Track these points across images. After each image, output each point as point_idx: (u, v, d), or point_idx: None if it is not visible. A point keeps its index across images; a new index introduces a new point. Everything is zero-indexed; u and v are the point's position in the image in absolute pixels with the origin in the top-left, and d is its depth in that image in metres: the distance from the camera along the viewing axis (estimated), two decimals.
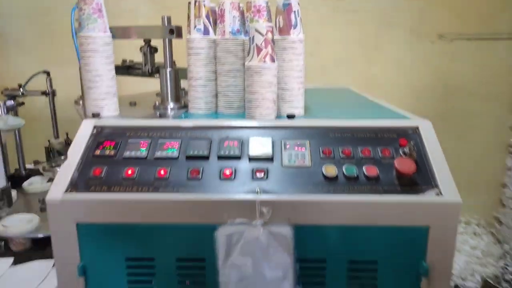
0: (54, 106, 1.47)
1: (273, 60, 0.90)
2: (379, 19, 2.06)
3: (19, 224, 1.12)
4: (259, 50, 0.89)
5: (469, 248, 2.20)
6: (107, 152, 0.84)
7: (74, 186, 0.79)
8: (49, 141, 1.56)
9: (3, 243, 1.11)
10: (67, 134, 1.47)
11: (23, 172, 1.49)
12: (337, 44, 2.10)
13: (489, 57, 2.17)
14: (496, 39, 2.19)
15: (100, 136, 0.87)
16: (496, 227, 2.37)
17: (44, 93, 1.42)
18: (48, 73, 1.42)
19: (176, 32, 1.00)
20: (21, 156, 1.47)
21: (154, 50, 1.11)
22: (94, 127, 0.89)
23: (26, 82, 1.42)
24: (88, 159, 0.83)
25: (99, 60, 0.93)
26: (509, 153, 2.32)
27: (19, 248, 1.11)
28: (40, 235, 1.10)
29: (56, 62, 1.73)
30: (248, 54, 0.91)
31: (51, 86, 1.42)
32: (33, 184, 1.42)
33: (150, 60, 1.11)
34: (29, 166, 1.57)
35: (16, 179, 1.42)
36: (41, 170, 1.50)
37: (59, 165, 1.37)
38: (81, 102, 1.17)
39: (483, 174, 2.33)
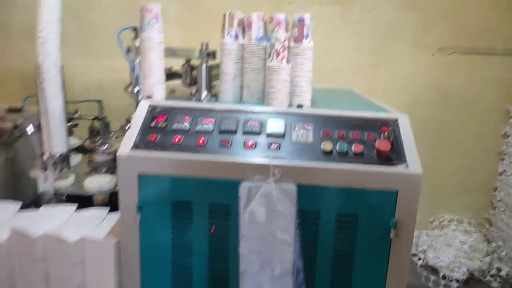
0: (103, 113, 1.77)
1: (288, 62, 1.20)
2: (385, 31, 2.34)
3: (102, 183, 1.44)
4: (277, 54, 1.19)
5: (458, 243, 2.46)
6: (160, 124, 1.14)
7: (136, 146, 1.09)
8: (92, 120, 1.88)
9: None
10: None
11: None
12: (348, 52, 2.38)
13: (485, 70, 2.43)
14: (492, 54, 2.46)
15: (154, 113, 1.18)
16: (486, 227, 2.62)
17: (95, 118, 1.73)
18: (99, 101, 1.74)
19: (213, 55, 1.31)
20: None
21: (192, 68, 1.41)
22: (149, 105, 1.19)
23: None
24: (146, 129, 1.14)
25: (154, 55, 1.23)
26: (501, 159, 2.57)
27: (100, 200, 1.42)
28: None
29: (95, 55, 2.07)
30: (269, 57, 1.21)
31: (102, 113, 1.73)
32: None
33: (189, 75, 1.40)
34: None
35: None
36: (86, 144, 1.81)
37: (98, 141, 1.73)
38: (129, 88, 1.48)
39: (476, 178, 2.58)
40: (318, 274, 1.12)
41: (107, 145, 1.76)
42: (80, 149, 1.80)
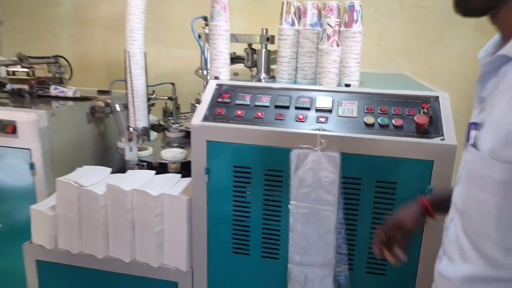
0: (175, 94, 2.04)
1: (338, 45, 1.35)
2: (444, 15, 2.36)
3: (175, 154, 1.72)
4: (328, 37, 1.34)
5: None
6: (225, 100, 1.36)
7: (206, 118, 1.32)
8: (165, 103, 2.17)
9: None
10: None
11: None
12: (404, 37, 2.43)
13: None
14: None
15: (220, 90, 1.40)
16: None
17: (169, 98, 1.99)
18: (173, 84, 2.00)
19: (271, 39, 1.49)
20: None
21: (253, 51, 1.60)
22: (216, 84, 1.42)
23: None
24: (213, 104, 1.36)
25: (222, 41, 1.45)
26: None
27: (174, 168, 1.70)
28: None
29: (164, 43, 2.36)
30: (321, 40, 1.37)
31: (175, 94, 1.99)
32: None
33: (251, 58, 1.60)
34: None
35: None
36: (161, 122, 2.11)
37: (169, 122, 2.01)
38: (199, 71, 1.72)
39: None
40: (358, 236, 1.28)
41: (178, 124, 2.04)
42: (155, 127, 2.10)
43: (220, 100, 1.37)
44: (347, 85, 1.38)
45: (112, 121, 1.97)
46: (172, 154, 1.74)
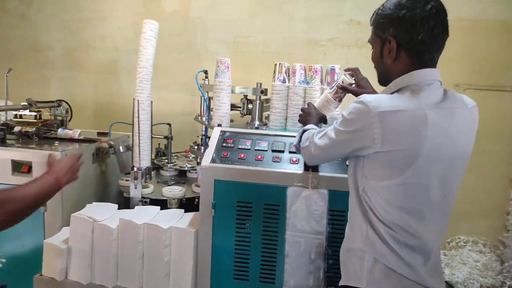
0: (171, 147, 2.30)
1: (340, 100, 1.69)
2: None
3: (175, 191, 1.94)
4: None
5: (472, 261, 2.79)
6: (229, 145, 1.63)
7: (213, 160, 1.58)
8: (158, 144, 2.41)
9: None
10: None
11: None
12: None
13: (497, 104, 2.83)
14: (503, 91, 2.87)
15: (224, 136, 1.68)
16: (500, 249, 2.94)
17: (166, 137, 2.26)
18: (169, 124, 2.27)
19: (265, 92, 1.81)
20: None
21: (249, 102, 1.91)
22: (220, 131, 1.69)
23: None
24: (219, 148, 1.63)
25: (224, 94, 1.75)
26: None
27: (174, 204, 1.92)
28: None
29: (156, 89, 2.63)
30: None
31: (170, 133, 2.26)
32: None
33: (246, 106, 1.90)
34: None
35: None
36: (155, 161, 2.33)
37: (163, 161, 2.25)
38: (199, 117, 1.99)
39: (491, 203, 2.93)
40: None
41: (172, 163, 2.28)
42: None
43: (224, 144, 1.64)
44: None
45: (112, 160, 2.18)
46: (172, 192, 1.96)
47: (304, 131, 1.34)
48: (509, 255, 2.88)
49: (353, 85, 1.47)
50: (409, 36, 1.06)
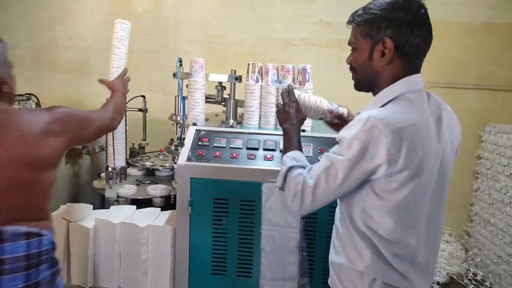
0: (145, 120, 2.31)
1: None
2: None
3: (160, 190, 1.95)
4: None
5: (439, 250, 2.94)
6: (205, 143, 1.68)
7: (189, 158, 1.62)
8: (133, 144, 2.41)
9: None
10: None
11: None
12: (341, 86, 2.93)
13: (459, 101, 2.99)
14: (464, 88, 3.03)
15: (199, 135, 1.71)
16: (465, 238, 3.11)
17: (140, 109, 2.26)
18: (144, 96, 2.27)
19: (239, 79, 1.85)
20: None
21: (223, 88, 1.95)
22: (195, 130, 1.73)
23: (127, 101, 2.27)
24: (195, 146, 1.67)
25: (199, 93, 1.78)
26: (475, 178, 3.09)
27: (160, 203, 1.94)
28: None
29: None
30: None
31: (145, 104, 2.27)
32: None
33: (221, 94, 1.95)
34: None
35: None
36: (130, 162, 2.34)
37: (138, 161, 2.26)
38: (174, 117, 2.02)
39: (456, 195, 3.08)
40: (316, 253, 1.62)
41: (145, 163, 2.30)
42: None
43: (200, 143, 1.68)
44: (303, 131, 1.77)
45: (85, 161, 2.18)
46: (154, 191, 1.98)
47: (289, 168, 1.15)
48: (473, 243, 3.06)
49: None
50: (407, 38, 1.04)
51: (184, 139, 1.76)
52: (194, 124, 1.78)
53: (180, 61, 2.07)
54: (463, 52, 3.00)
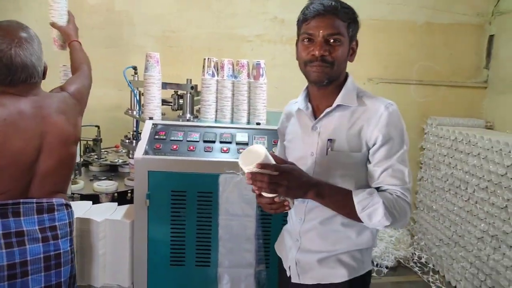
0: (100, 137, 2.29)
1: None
2: None
3: (108, 186, 1.94)
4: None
5: (387, 236, 3.13)
6: (162, 137, 1.70)
7: (146, 152, 1.63)
8: (87, 141, 2.38)
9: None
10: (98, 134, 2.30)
11: None
12: (296, 81, 3.03)
13: (404, 96, 3.19)
14: (408, 84, 3.23)
15: (156, 129, 1.73)
16: (411, 225, 3.32)
17: (94, 140, 2.26)
18: (98, 126, 2.26)
19: (195, 89, 1.88)
20: None
21: (179, 97, 1.97)
22: (152, 124, 1.74)
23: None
24: (152, 140, 1.68)
25: (155, 88, 1.80)
26: (419, 168, 3.31)
27: (106, 199, 1.93)
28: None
29: None
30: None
31: (99, 135, 2.26)
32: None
33: (177, 102, 1.97)
34: None
35: None
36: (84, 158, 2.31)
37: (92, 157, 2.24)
38: (130, 111, 2.01)
39: None
40: (272, 241, 1.68)
41: (102, 159, 2.27)
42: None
43: (157, 137, 1.70)
44: (258, 124, 1.83)
45: None
46: (104, 186, 1.97)
47: (383, 205, 1.05)
48: (418, 229, 3.28)
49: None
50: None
51: (140, 133, 1.78)
52: (151, 118, 1.79)
53: (134, 68, 2.07)
54: (407, 49, 3.19)
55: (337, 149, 1.15)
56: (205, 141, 1.70)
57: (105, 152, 2.45)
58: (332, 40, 1.11)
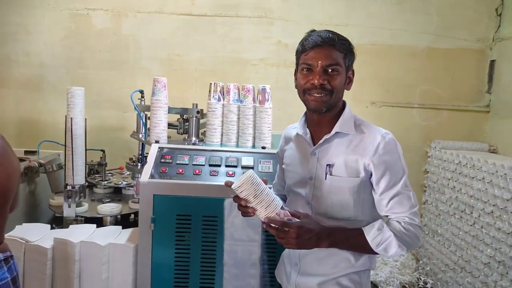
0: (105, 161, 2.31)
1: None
2: None
3: (111, 208, 1.93)
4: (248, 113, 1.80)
5: (392, 261, 3.09)
6: (167, 160, 1.70)
7: (152, 176, 1.63)
8: (91, 160, 2.39)
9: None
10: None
11: None
12: (299, 104, 3.06)
13: (406, 119, 3.20)
14: (411, 107, 3.25)
15: (162, 152, 1.74)
16: (416, 249, 3.28)
17: (99, 164, 2.28)
18: (103, 151, 2.28)
19: (201, 113, 1.90)
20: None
21: (185, 120, 1.99)
22: (158, 147, 1.75)
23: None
24: (158, 164, 1.69)
25: (162, 112, 1.81)
26: (423, 191, 3.29)
27: (110, 222, 1.92)
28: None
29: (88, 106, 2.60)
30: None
31: (105, 159, 2.28)
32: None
33: (183, 126, 1.98)
34: None
35: None
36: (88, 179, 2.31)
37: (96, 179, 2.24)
38: (136, 134, 2.03)
39: None
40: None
41: (106, 181, 2.28)
42: None
43: (163, 160, 1.71)
44: (263, 147, 1.84)
45: (41, 180, 2.12)
46: (109, 209, 1.96)
47: (395, 237, 1.13)
48: (423, 253, 3.24)
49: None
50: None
51: (146, 156, 1.78)
52: (157, 142, 1.80)
53: (141, 92, 2.10)
54: (409, 73, 3.23)
55: (335, 174, 1.20)
56: (210, 165, 1.71)
57: (109, 174, 2.45)
58: (330, 70, 1.16)
